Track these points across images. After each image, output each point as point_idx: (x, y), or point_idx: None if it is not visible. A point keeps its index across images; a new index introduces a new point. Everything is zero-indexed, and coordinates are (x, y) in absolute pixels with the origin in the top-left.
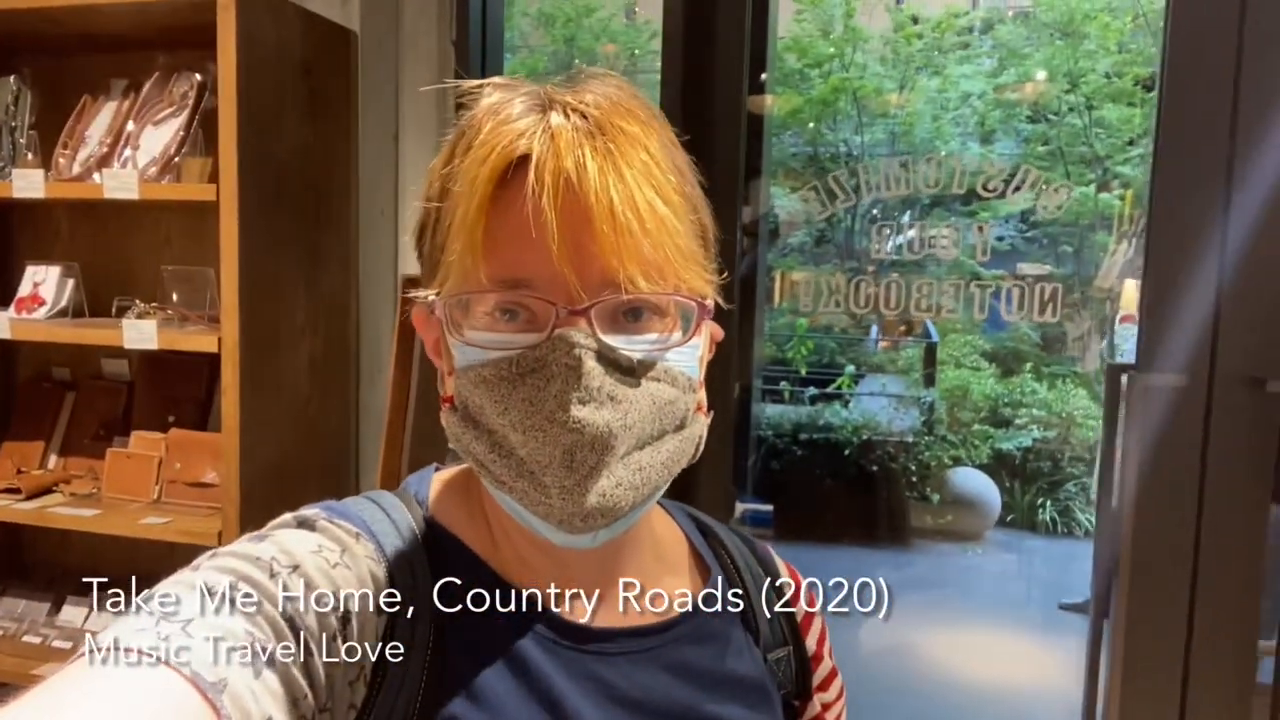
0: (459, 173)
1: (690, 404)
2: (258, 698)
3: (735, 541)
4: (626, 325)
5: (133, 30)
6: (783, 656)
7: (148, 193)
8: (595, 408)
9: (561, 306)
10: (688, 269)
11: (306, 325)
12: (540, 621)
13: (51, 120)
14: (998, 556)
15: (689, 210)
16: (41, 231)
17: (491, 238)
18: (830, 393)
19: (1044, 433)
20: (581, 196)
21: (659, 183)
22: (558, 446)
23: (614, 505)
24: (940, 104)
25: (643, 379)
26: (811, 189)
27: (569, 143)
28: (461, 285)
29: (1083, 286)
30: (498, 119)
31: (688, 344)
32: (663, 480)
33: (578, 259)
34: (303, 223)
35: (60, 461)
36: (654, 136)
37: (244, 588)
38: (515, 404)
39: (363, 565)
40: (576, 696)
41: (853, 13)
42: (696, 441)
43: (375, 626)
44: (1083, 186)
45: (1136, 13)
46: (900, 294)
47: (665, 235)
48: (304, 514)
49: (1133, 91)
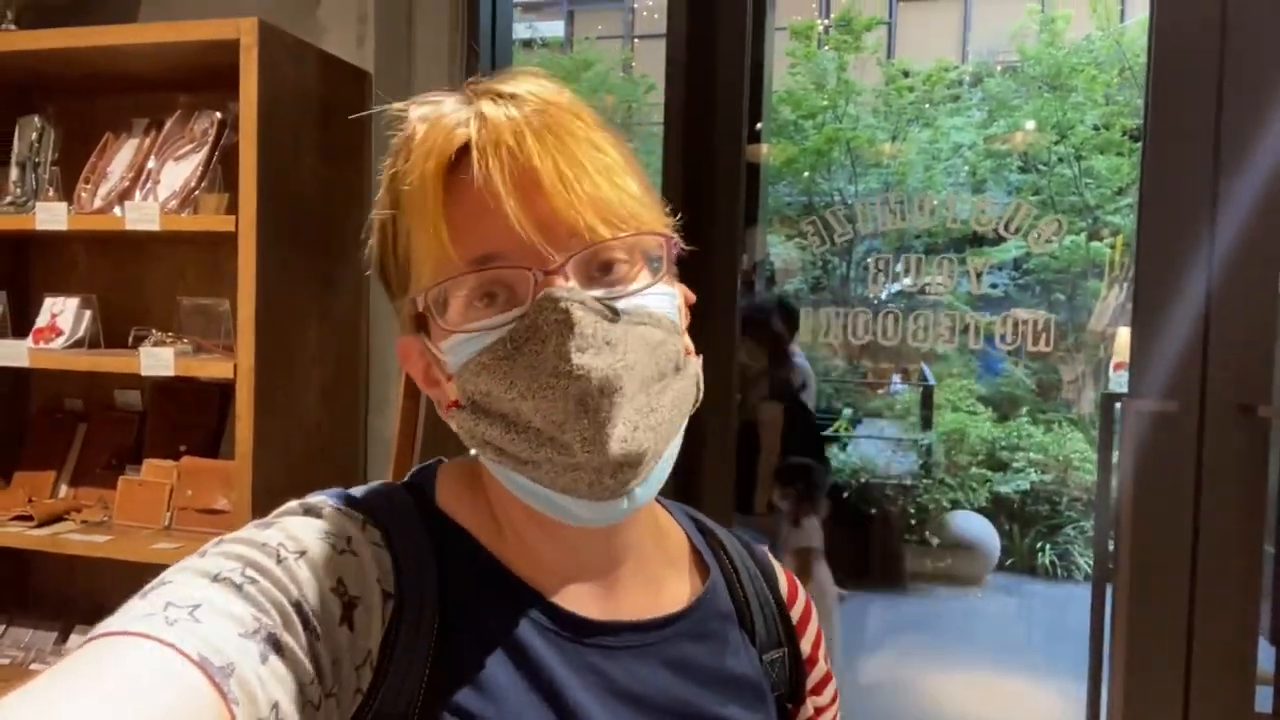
0: (405, 174)
1: (679, 346)
2: (264, 683)
3: (734, 543)
4: (600, 279)
5: (155, 71)
6: (778, 658)
7: (168, 224)
8: (595, 353)
9: (537, 270)
10: (644, 213)
11: (319, 354)
12: (543, 612)
13: (75, 157)
14: (998, 600)
15: (629, 165)
16: (60, 265)
17: (453, 224)
18: (828, 435)
19: (1041, 476)
20: (526, 163)
21: (596, 143)
22: (569, 399)
23: (638, 449)
24: (932, 154)
25: (630, 324)
26: (810, 223)
27: (504, 122)
28: (435, 277)
29: (1076, 332)
30: (430, 121)
31: (661, 284)
32: (675, 421)
33: (538, 221)
34: (316, 254)
35: (71, 491)
36: (583, 108)
37: (251, 573)
38: (519, 375)
39: (368, 552)
40: (577, 688)
41: (845, 66)
42: (696, 381)
43: (381, 612)
44: (1074, 235)
45: (1123, 66)
46: (896, 338)
47: (614, 184)
48: (310, 501)
49: (1121, 142)
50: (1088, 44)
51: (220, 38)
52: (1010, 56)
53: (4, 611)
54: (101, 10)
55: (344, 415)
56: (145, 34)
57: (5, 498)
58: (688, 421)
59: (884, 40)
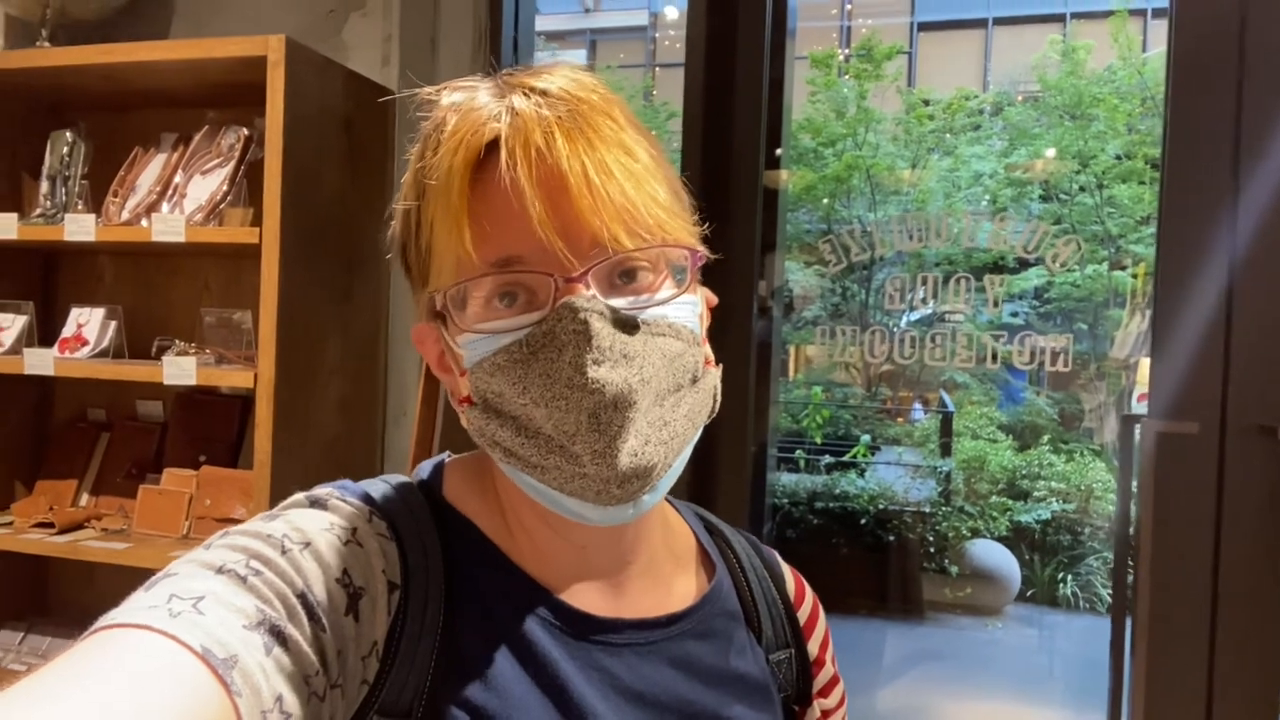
0: (433, 167)
1: (698, 357)
2: (268, 674)
3: (741, 542)
4: (623, 287)
5: (184, 87)
6: (784, 659)
7: (194, 236)
8: (611, 367)
9: (558, 277)
10: (670, 222)
11: (338, 366)
12: (548, 609)
13: (103, 171)
14: (1018, 631)
15: (660, 169)
16: (86, 277)
17: (477, 222)
18: (846, 461)
19: (1063, 505)
20: (554, 166)
21: (627, 145)
22: (582, 411)
23: (647, 464)
24: (952, 182)
25: (649, 335)
26: (827, 241)
27: (535, 119)
28: (456, 276)
29: (1098, 361)
30: (462, 111)
31: (685, 295)
32: (688, 434)
33: (562, 227)
34: (337, 268)
35: (92, 499)
36: (615, 106)
37: (255, 565)
38: (533, 381)
39: (374, 543)
40: (582, 684)
41: (865, 94)
42: (713, 393)
43: (387, 603)
44: (1095, 264)
45: (1145, 95)
46: (916, 365)
47: (642, 192)
48: (316, 493)
49: (1143, 171)
50: (1109, 74)
51: (249, 54)
52: (1031, 86)
53: (23, 619)
54: (133, 28)
55: (362, 427)
56: (176, 50)
57: (27, 505)
58: (704, 444)
59: (904, 69)
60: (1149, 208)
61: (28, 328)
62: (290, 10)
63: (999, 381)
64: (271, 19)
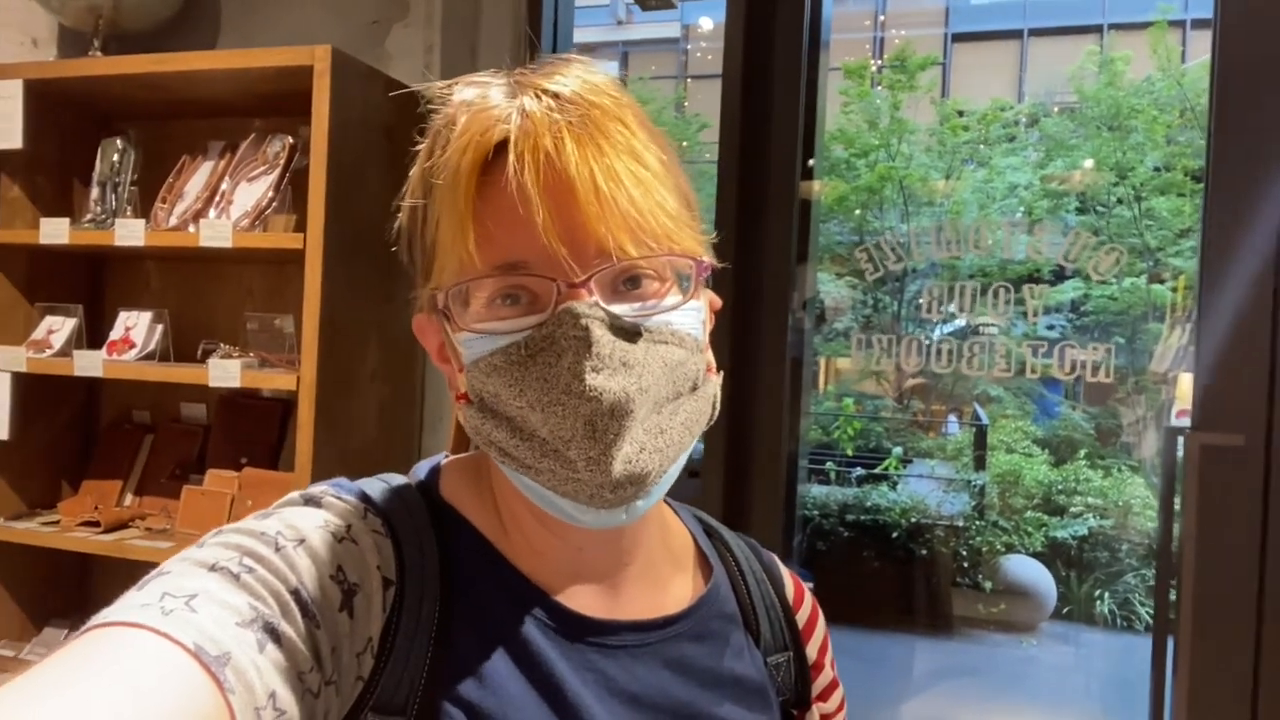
0: (441, 165)
1: (700, 365)
2: (261, 671)
3: (740, 545)
4: (626, 293)
5: (232, 96)
6: (783, 662)
7: (240, 241)
8: (609, 375)
9: (561, 282)
10: (677, 231)
11: (377, 371)
12: (543, 609)
13: (152, 178)
14: (1054, 649)
15: (669, 175)
16: (133, 282)
17: (482, 224)
18: (877, 474)
19: (1100, 521)
20: (563, 171)
21: (637, 151)
22: (578, 418)
23: (641, 471)
24: (986, 193)
25: (651, 343)
26: (863, 250)
27: (545, 122)
28: (459, 276)
29: (1136, 375)
30: (473, 109)
31: (689, 304)
32: (685, 442)
33: (567, 233)
34: (378, 274)
35: (136, 500)
36: (627, 110)
37: (249, 562)
38: (530, 384)
39: (369, 540)
40: (577, 685)
41: (899, 105)
42: (712, 401)
43: (382, 600)
44: (1134, 277)
45: (1184, 107)
46: (950, 378)
47: (650, 200)
48: (311, 492)
49: (1183, 183)
50: (1148, 85)
51: (295, 64)
52: (1068, 97)
53: (67, 616)
54: (182, 39)
55: (399, 431)
56: (226, 60)
57: (74, 504)
58: (738, 456)
59: (938, 80)
60: (1189, 220)
61: (77, 330)
62: (334, 21)
63: (1034, 395)
64: (316, 30)
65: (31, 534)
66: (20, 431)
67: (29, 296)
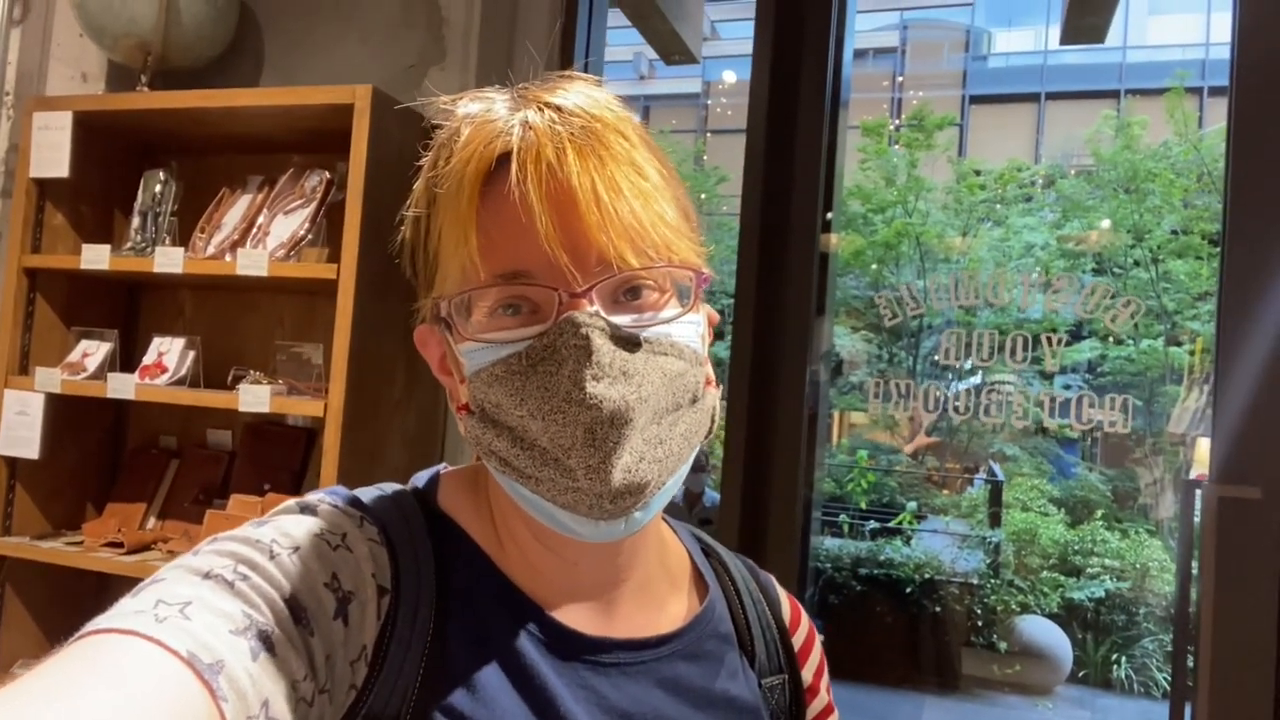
0: (444, 176)
1: (699, 377)
2: (255, 680)
3: (738, 565)
4: (627, 304)
5: (272, 131)
6: (777, 684)
7: (276, 271)
8: (609, 383)
9: (563, 291)
10: (677, 242)
11: (402, 400)
12: (537, 624)
13: (191, 209)
14: (1070, 713)
15: (669, 187)
16: (167, 309)
17: (485, 234)
18: (891, 527)
19: (1117, 584)
20: (564, 181)
21: (638, 163)
22: (578, 426)
23: (640, 481)
24: (1003, 251)
25: (651, 353)
26: (881, 297)
27: (547, 134)
28: (461, 285)
29: (1154, 437)
30: (476, 122)
31: (688, 316)
32: (684, 454)
33: (569, 243)
34: (407, 306)
35: (159, 523)
36: (627, 124)
37: (243, 570)
38: (531, 393)
39: (364, 548)
40: (570, 701)
41: (916, 163)
42: (711, 413)
43: (377, 608)
44: (1151, 339)
45: (1201, 172)
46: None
47: (650, 211)
48: (307, 500)
49: (1200, 246)
50: (1165, 149)
51: (337, 102)
52: (1084, 159)
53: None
54: (227, 76)
55: (421, 461)
56: (267, 97)
57: (97, 526)
58: (754, 506)
59: (955, 139)
60: (1205, 284)
61: (111, 354)
62: (373, 63)
63: (1049, 455)
64: (355, 71)
65: (56, 553)
66: (50, 453)
67: (66, 321)
